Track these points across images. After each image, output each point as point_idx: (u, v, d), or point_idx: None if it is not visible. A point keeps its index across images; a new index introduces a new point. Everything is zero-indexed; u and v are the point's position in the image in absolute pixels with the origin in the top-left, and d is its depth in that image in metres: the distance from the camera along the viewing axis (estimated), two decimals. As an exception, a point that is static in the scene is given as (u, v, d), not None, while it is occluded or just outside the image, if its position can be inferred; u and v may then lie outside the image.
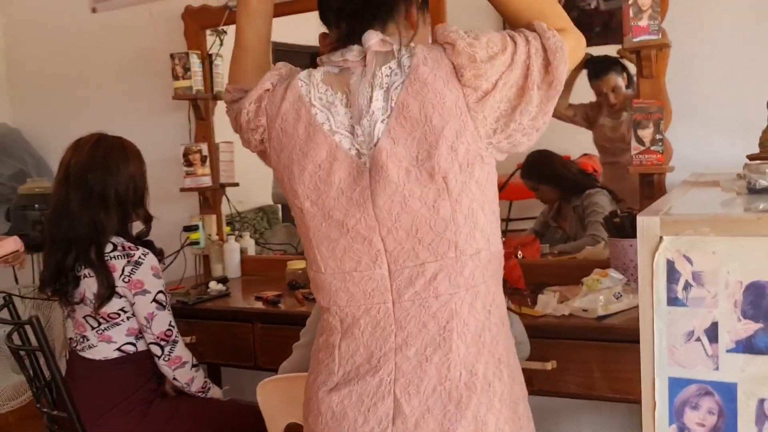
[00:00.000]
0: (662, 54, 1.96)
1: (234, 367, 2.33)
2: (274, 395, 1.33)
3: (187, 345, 1.81)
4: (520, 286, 2.13)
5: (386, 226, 0.91)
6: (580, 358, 1.68)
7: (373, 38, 0.93)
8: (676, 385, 0.86)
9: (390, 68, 0.93)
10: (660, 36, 1.88)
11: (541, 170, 2.97)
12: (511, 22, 0.99)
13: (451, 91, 0.89)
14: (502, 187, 3.31)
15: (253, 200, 3.02)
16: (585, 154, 3.22)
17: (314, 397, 0.99)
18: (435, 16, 2.33)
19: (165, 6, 2.84)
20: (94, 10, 3.09)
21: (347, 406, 0.94)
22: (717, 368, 0.84)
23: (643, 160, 1.95)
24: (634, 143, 1.97)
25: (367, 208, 0.91)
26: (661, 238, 0.85)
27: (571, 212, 2.81)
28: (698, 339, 0.85)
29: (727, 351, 0.83)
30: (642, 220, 0.86)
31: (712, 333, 0.84)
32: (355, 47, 0.95)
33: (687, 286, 0.85)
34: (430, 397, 0.91)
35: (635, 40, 1.90)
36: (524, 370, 1.71)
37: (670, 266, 0.85)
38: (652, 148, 1.94)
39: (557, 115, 3.64)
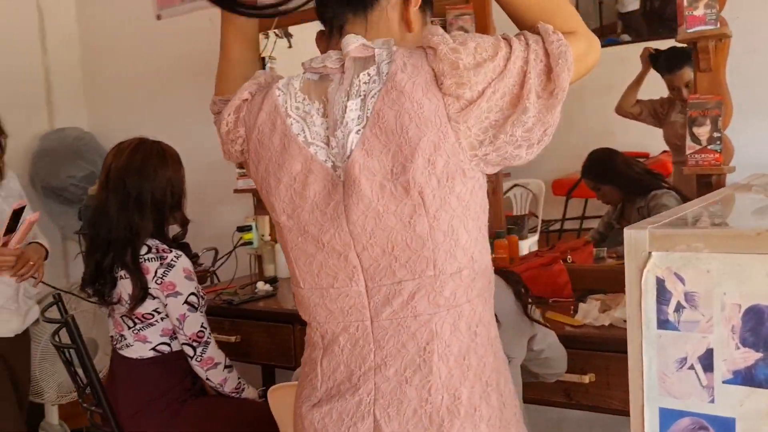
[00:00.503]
0: (721, 45, 1.80)
1: (276, 367, 2.35)
2: (284, 400, 1.33)
3: (231, 344, 1.83)
4: (567, 293, 2.03)
5: (361, 242, 0.87)
6: (622, 372, 1.58)
7: (352, 43, 0.89)
8: (668, 416, 0.78)
9: (369, 75, 0.87)
10: (718, 26, 1.73)
11: (602, 169, 2.83)
12: (517, 24, 0.92)
13: (430, 100, 0.83)
14: (574, 186, 3.18)
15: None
16: (665, 151, 3.05)
17: (299, 411, 0.96)
18: (482, 28, 2.26)
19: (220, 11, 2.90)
20: (158, 17, 3.21)
21: (328, 423, 0.91)
22: (713, 400, 0.75)
23: (699, 160, 1.81)
24: (689, 142, 1.84)
25: (341, 223, 0.87)
26: (650, 253, 0.76)
27: (635, 214, 2.67)
28: (691, 367, 0.76)
29: (724, 382, 0.74)
30: (629, 234, 0.78)
31: (707, 361, 0.75)
32: (333, 53, 0.91)
33: (679, 308, 0.76)
34: (410, 420, 0.87)
35: (690, 30, 1.76)
36: (562, 383, 1.65)
37: (660, 285, 0.76)
38: (709, 147, 1.80)
39: (623, 113, 3.47)
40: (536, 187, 5.42)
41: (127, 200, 1.74)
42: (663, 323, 0.77)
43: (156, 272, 1.72)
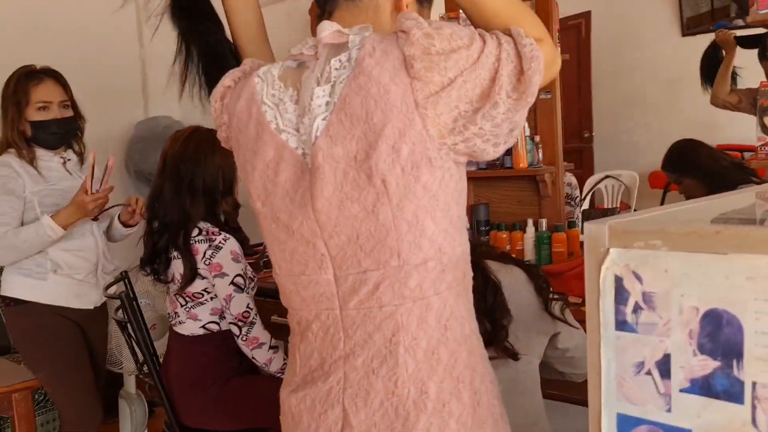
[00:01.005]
0: (799, 26, 1.64)
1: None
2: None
3: (275, 325, 1.90)
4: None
5: (327, 230, 0.87)
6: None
7: (326, 29, 0.89)
8: (625, 423, 0.73)
9: (340, 61, 0.86)
10: (794, 4, 1.57)
11: (683, 161, 2.67)
12: (485, 29, 0.90)
13: (398, 85, 0.81)
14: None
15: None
16: (775, 142, 2.81)
17: (281, 396, 0.99)
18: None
19: (297, 5, 2.98)
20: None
21: (303, 409, 0.93)
22: (669, 410, 0.69)
23: (770, 152, 1.67)
24: (759, 132, 1.69)
25: (308, 210, 0.87)
26: (608, 250, 0.72)
27: (719, 210, 2.48)
28: (649, 372, 0.71)
29: (681, 390, 0.68)
30: (589, 228, 0.73)
31: (664, 367, 0.69)
32: (311, 39, 0.91)
33: (637, 309, 0.71)
34: (377, 411, 0.87)
35: (761, 12, 1.61)
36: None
37: (619, 284, 0.71)
38: (781, 138, 1.64)
39: (719, 103, 3.23)
40: (629, 179, 5.16)
41: (180, 185, 1.83)
42: (621, 324, 0.72)
43: (205, 254, 1.80)
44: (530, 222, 2.34)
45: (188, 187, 1.83)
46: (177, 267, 1.83)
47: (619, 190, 5.04)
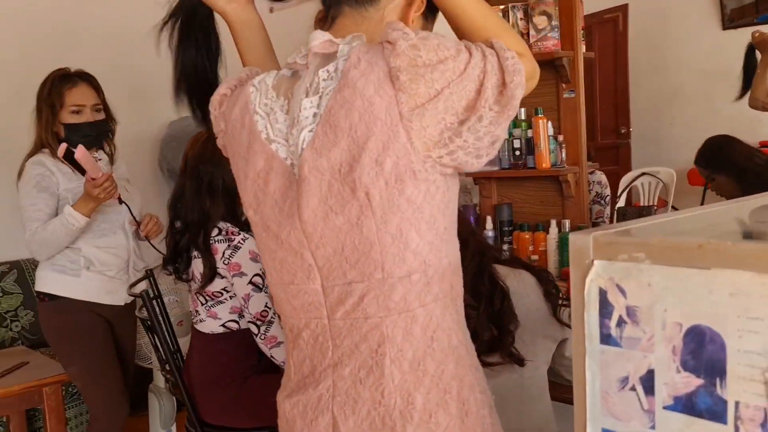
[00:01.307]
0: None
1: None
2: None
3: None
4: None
5: (314, 241, 0.87)
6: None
7: (317, 38, 0.89)
8: (610, 439, 0.72)
9: (328, 72, 0.86)
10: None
11: (716, 157, 2.60)
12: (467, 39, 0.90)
13: (382, 97, 0.80)
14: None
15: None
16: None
17: (278, 399, 1.00)
18: (566, 10, 2.12)
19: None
20: (271, 11, 3.36)
21: (296, 414, 0.94)
22: (653, 427, 0.68)
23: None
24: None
25: (295, 221, 0.87)
26: (592, 262, 0.70)
27: (754, 211, 2.41)
28: (633, 388, 0.69)
29: (665, 407, 0.67)
30: (574, 239, 0.72)
31: (648, 383, 0.68)
32: (304, 48, 0.92)
33: (621, 323, 0.69)
34: (365, 420, 0.87)
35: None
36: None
37: (603, 297, 0.70)
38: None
39: (757, 105, 3.13)
40: (667, 176, 5.05)
41: (200, 186, 1.86)
42: (606, 338, 0.71)
43: (224, 253, 1.83)
44: (553, 223, 2.31)
45: (208, 187, 1.86)
46: (197, 266, 1.86)
47: (657, 187, 4.93)
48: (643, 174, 5.11)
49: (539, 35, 2.21)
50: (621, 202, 4.96)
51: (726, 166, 2.54)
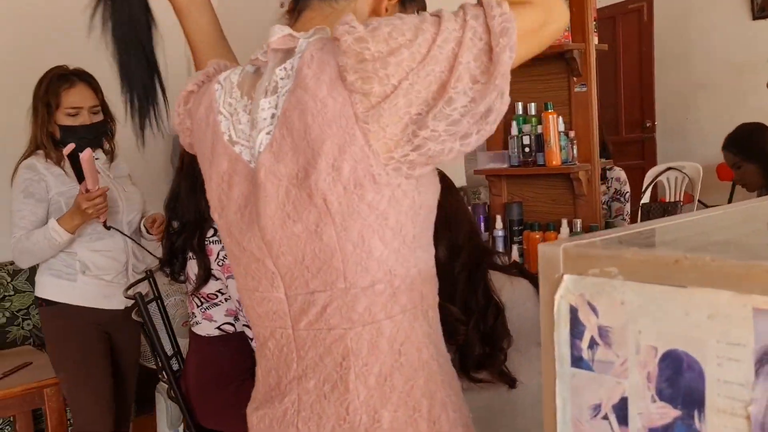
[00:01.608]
0: None
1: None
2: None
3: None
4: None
5: (273, 249, 0.82)
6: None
7: (276, 33, 0.83)
8: (582, 472, 0.65)
9: (285, 70, 0.80)
10: None
11: (747, 144, 2.49)
12: None
13: (335, 98, 0.74)
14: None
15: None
16: None
17: (247, 411, 0.96)
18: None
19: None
20: (282, 5, 3.32)
21: (262, 429, 0.90)
22: (627, 461, 0.61)
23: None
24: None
25: (255, 228, 0.82)
26: (562, 276, 0.64)
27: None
28: (606, 417, 0.62)
29: (639, 440, 0.60)
30: (543, 250, 0.65)
31: (621, 412, 0.61)
32: (266, 44, 0.86)
33: (593, 344, 0.62)
34: None
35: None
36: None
37: (574, 315, 0.63)
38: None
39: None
40: (693, 171, 4.90)
41: (195, 184, 1.81)
42: (577, 361, 0.64)
43: (218, 254, 1.79)
44: (564, 222, 2.22)
45: (203, 186, 1.81)
46: (192, 267, 1.82)
47: (683, 182, 4.79)
48: (669, 169, 4.97)
49: (549, 27, 2.11)
50: (645, 198, 4.82)
51: (755, 154, 2.42)
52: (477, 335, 1.13)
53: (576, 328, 0.64)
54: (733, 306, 0.52)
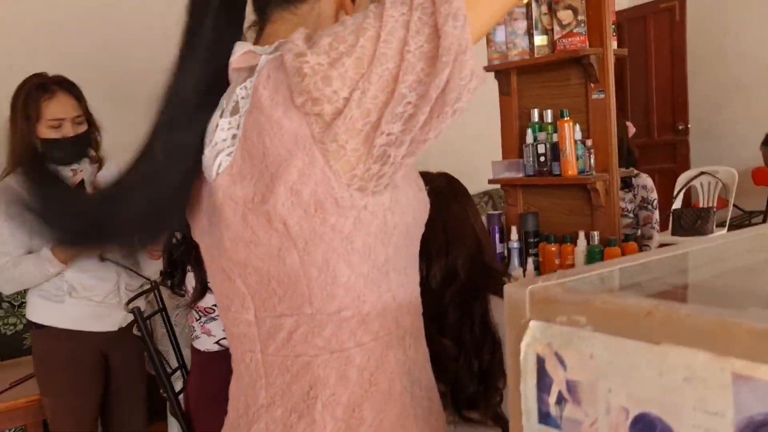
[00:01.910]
0: None
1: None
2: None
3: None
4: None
5: (238, 270, 0.78)
6: None
7: (238, 51, 0.78)
8: None
9: (245, 89, 0.75)
10: None
11: None
12: None
13: (291, 119, 0.69)
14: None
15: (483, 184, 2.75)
16: None
17: None
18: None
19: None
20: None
21: None
22: None
23: None
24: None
25: (221, 248, 0.79)
26: (528, 322, 0.57)
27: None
28: (575, 483, 0.55)
29: None
30: (509, 292, 0.58)
31: (593, 480, 0.54)
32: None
33: (561, 400, 0.55)
34: None
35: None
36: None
37: (541, 366, 0.56)
38: None
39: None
40: (727, 176, 4.73)
41: (193, 197, 1.78)
42: (545, 417, 0.57)
43: (217, 268, 1.75)
44: (581, 234, 2.13)
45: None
46: (190, 280, 1.79)
47: (716, 187, 4.62)
48: (702, 173, 4.80)
49: (564, 31, 2.03)
50: (677, 204, 4.67)
51: None
52: (469, 372, 1.06)
53: (543, 380, 0.57)
54: (710, 369, 0.45)
